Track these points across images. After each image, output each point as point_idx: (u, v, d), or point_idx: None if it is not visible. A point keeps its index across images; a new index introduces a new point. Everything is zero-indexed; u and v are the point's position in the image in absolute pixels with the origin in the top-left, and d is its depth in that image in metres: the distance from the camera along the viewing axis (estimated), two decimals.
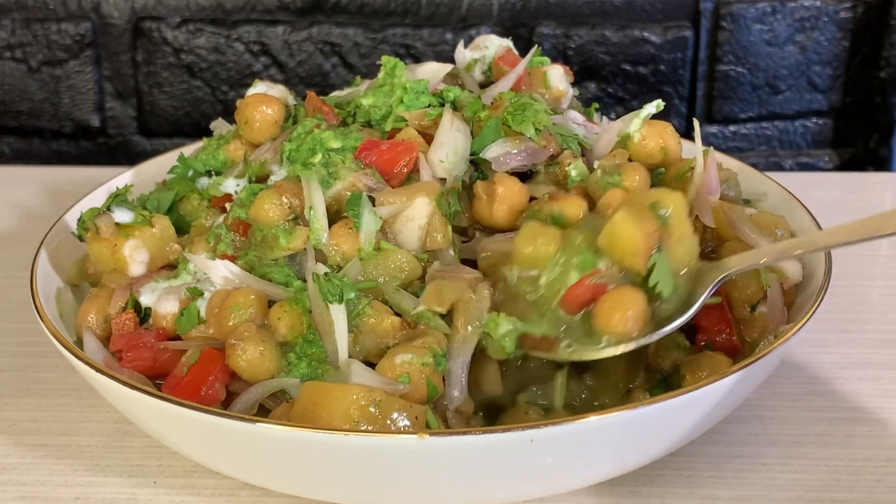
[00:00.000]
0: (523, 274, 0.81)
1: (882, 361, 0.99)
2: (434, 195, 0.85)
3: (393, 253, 0.83)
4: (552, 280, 0.80)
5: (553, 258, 0.80)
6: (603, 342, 0.77)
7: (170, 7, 1.56)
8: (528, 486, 0.76)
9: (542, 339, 0.79)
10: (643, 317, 0.76)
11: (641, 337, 0.76)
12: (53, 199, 1.36)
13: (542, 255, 0.80)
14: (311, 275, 0.79)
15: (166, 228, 0.91)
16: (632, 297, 0.76)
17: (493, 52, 1.04)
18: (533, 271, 0.81)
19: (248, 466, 0.77)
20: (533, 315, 0.80)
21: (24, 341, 1.04)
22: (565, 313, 0.79)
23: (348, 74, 1.57)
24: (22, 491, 0.84)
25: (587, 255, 0.79)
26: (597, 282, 0.77)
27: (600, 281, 0.77)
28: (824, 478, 0.84)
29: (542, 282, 0.80)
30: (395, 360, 0.76)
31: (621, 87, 1.58)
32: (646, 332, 0.77)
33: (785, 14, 1.55)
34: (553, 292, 0.79)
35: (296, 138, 0.90)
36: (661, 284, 0.77)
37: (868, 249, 1.22)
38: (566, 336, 0.78)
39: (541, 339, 0.79)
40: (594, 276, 0.78)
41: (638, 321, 0.76)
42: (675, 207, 0.79)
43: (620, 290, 0.77)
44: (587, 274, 0.78)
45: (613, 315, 0.76)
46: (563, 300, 0.78)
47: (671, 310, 0.78)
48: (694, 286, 0.79)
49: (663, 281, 0.77)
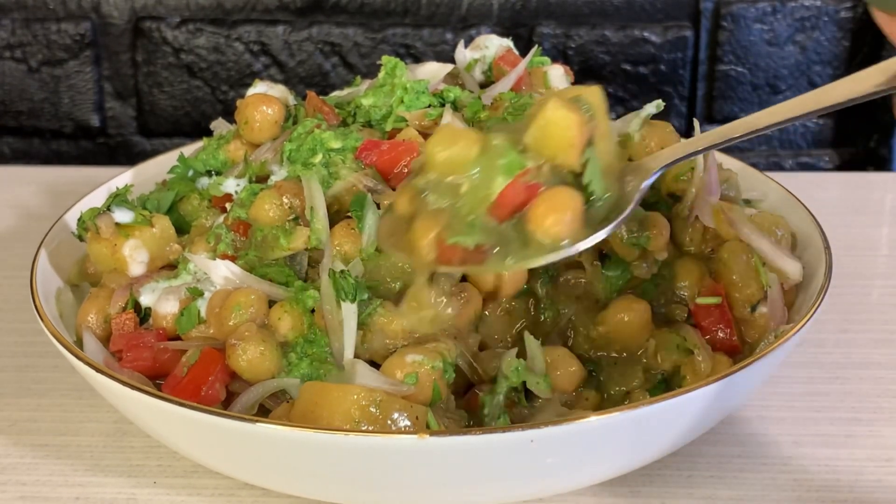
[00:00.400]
0: (440, 182, 0.75)
1: (882, 361, 0.99)
2: None
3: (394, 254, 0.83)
4: (475, 186, 0.73)
5: (474, 162, 0.73)
6: (539, 248, 0.71)
7: (170, 7, 1.56)
8: (528, 486, 0.76)
9: (475, 251, 0.72)
10: (580, 218, 0.72)
11: (579, 241, 0.72)
12: (53, 199, 1.36)
13: (462, 159, 0.74)
14: (328, 271, 0.79)
15: (166, 228, 0.91)
16: (568, 196, 0.71)
17: (493, 52, 1.04)
18: (451, 178, 0.74)
19: (248, 466, 0.77)
20: (460, 226, 0.73)
21: (24, 341, 1.04)
22: (494, 221, 0.72)
23: (348, 74, 1.57)
24: (22, 491, 0.84)
25: (513, 155, 0.73)
26: (530, 182, 0.71)
27: (533, 181, 0.71)
28: (824, 478, 0.84)
29: (465, 190, 0.73)
30: (405, 358, 0.76)
31: (621, 87, 1.58)
32: (582, 237, 0.72)
33: (785, 14, 1.55)
34: (477, 200, 0.73)
35: (296, 138, 0.90)
36: (595, 184, 0.72)
37: (868, 249, 1.22)
38: (499, 245, 0.72)
39: (474, 250, 0.72)
40: (526, 176, 0.71)
41: (575, 223, 0.71)
42: (597, 101, 0.74)
43: (555, 190, 0.72)
44: (518, 175, 0.72)
45: (548, 217, 0.71)
46: (493, 206, 0.72)
47: (603, 213, 0.73)
48: (623, 188, 0.74)
49: (596, 180, 0.72)
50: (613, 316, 0.84)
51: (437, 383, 0.76)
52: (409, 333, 0.79)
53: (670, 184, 0.90)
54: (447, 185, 0.74)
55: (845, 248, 1.15)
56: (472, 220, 0.72)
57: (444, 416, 0.76)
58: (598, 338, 0.85)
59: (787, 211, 0.96)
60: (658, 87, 1.58)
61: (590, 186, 0.73)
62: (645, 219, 0.85)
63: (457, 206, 0.73)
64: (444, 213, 0.73)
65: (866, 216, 1.33)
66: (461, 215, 0.73)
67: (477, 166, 0.73)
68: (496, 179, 0.72)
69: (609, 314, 0.85)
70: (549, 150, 0.72)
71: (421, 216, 0.75)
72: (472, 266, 0.73)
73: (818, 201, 1.05)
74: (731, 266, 0.85)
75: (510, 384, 0.79)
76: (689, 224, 0.88)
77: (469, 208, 0.73)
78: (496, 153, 0.73)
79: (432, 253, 0.74)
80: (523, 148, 0.73)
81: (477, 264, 0.72)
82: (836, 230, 0.96)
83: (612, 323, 0.84)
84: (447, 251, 0.73)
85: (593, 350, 0.85)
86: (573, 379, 0.82)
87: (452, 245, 0.73)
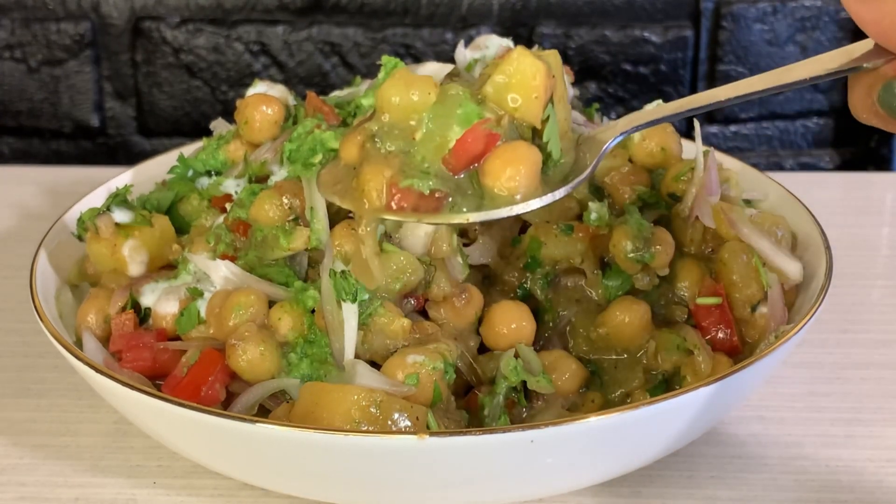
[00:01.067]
0: (393, 128, 0.73)
1: (882, 362, 0.99)
2: None
3: (395, 254, 0.82)
4: (430, 134, 0.71)
5: (430, 109, 0.71)
6: (494, 200, 0.70)
7: (169, 7, 1.56)
8: (528, 487, 0.76)
9: (430, 197, 0.70)
10: (537, 176, 0.70)
11: (535, 198, 0.71)
12: (53, 199, 1.36)
13: (418, 105, 0.72)
14: (328, 271, 0.79)
15: (166, 228, 0.91)
16: (527, 149, 0.70)
17: (493, 52, 1.04)
18: (404, 124, 0.72)
19: (248, 466, 0.77)
20: (413, 171, 0.71)
21: (24, 341, 1.04)
22: (448, 172, 0.71)
23: (348, 74, 1.57)
24: (21, 492, 0.84)
25: (471, 105, 0.71)
26: (490, 130, 0.69)
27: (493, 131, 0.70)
28: (825, 478, 0.84)
29: (419, 137, 0.71)
30: (406, 359, 0.76)
31: (622, 86, 1.58)
32: (538, 196, 0.71)
33: (785, 14, 1.54)
34: (432, 148, 0.71)
35: (296, 138, 0.90)
36: (552, 144, 0.71)
37: (868, 249, 1.22)
38: (454, 196, 0.70)
39: (428, 196, 0.70)
40: (486, 125, 0.70)
41: (533, 179, 0.70)
42: (557, 63, 0.73)
43: (514, 144, 0.70)
44: (478, 122, 0.70)
45: (506, 169, 0.69)
46: (449, 154, 0.70)
47: (559, 178, 0.72)
48: (580, 157, 0.73)
49: (554, 140, 0.71)
50: (613, 317, 0.84)
51: (438, 384, 0.76)
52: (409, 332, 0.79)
53: (670, 184, 0.90)
54: (400, 131, 0.72)
55: (845, 248, 1.14)
56: (426, 167, 0.70)
57: (444, 417, 0.76)
58: (598, 339, 0.85)
59: (787, 211, 0.96)
60: (658, 87, 1.58)
61: (548, 146, 0.71)
62: (651, 236, 0.84)
63: (410, 152, 0.71)
64: (397, 159, 0.71)
65: (867, 216, 1.33)
66: (415, 162, 0.71)
67: (432, 114, 0.71)
68: (453, 128, 0.70)
69: (609, 315, 0.85)
70: (512, 99, 0.70)
71: (371, 160, 0.72)
72: (424, 215, 0.71)
73: (818, 201, 1.05)
74: (731, 266, 0.85)
75: (509, 384, 0.79)
76: (689, 224, 0.88)
77: (423, 156, 0.71)
78: (454, 102, 0.71)
79: (382, 197, 0.72)
80: (482, 98, 0.71)
81: (431, 213, 0.70)
82: (837, 230, 0.96)
83: (612, 324, 0.84)
84: (399, 196, 0.70)
85: (593, 352, 0.85)
86: (574, 379, 0.82)
87: (406, 189, 0.70)
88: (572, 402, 0.82)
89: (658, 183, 0.91)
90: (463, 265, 0.84)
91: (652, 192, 0.90)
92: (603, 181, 0.91)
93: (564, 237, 0.86)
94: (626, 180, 0.90)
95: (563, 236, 0.86)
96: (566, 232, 0.86)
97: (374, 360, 0.79)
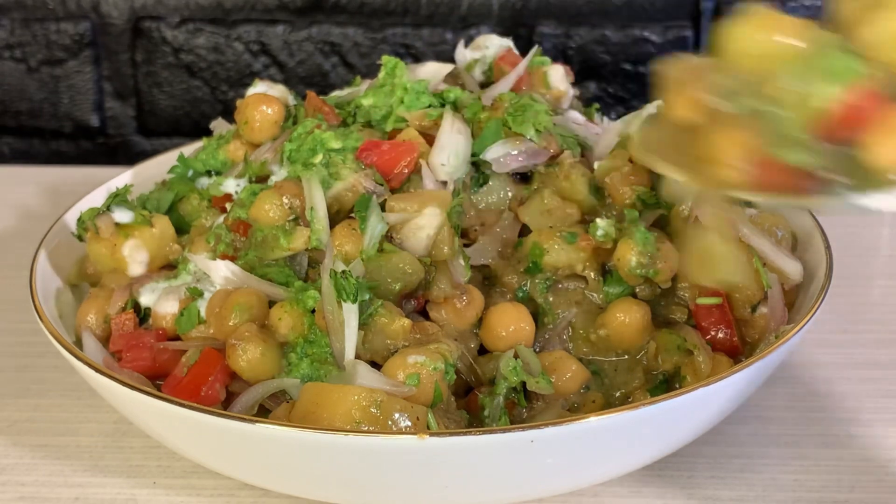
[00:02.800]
0: (749, 83, 0.58)
1: (883, 362, 0.99)
2: (445, 206, 0.84)
3: (396, 255, 0.82)
4: (793, 92, 0.56)
5: (794, 61, 0.56)
6: (880, 186, 0.54)
7: (169, 7, 1.56)
8: (528, 487, 0.76)
9: (802, 176, 0.55)
10: None
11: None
12: (53, 199, 1.36)
13: (783, 53, 0.57)
14: (328, 271, 0.79)
15: (166, 228, 0.91)
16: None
17: (493, 52, 1.04)
18: (756, 77, 0.58)
19: (248, 466, 0.77)
20: (779, 140, 0.56)
21: (24, 341, 1.04)
22: (820, 143, 0.56)
23: (348, 74, 1.57)
24: (21, 491, 0.84)
25: (848, 58, 0.56)
26: (878, 91, 0.54)
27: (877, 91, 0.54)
28: (825, 478, 0.84)
29: (782, 96, 0.57)
30: (406, 359, 0.76)
31: (622, 86, 1.58)
32: None
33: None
34: (799, 110, 0.56)
35: (296, 138, 0.90)
36: None
37: (868, 249, 1.22)
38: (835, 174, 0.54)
39: (801, 174, 0.55)
40: (871, 83, 0.54)
41: None
42: None
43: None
44: (862, 79, 0.55)
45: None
46: (819, 121, 0.55)
47: None
48: None
49: None
50: (613, 318, 0.84)
51: (439, 384, 0.76)
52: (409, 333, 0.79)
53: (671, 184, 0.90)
54: (753, 86, 0.58)
55: (845, 248, 1.14)
56: (795, 135, 0.56)
57: (444, 417, 0.76)
58: (598, 341, 0.85)
59: (787, 211, 0.96)
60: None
61: None
62: (656, 251, 0.84)
63: (771, 113, 0.57)
64: (758, 122, 0.57)
65: (867, 216, 1.33)
66: (779, 128, 0.56)
67: (800, 66, 0.57)
68: (826, 87, 0.56)
69: (609, 317, 0.85)
70: None
71: (724, 123, 0.58)
72: (794, 197, 0.57)
73: None
74: None
75: (509, 385, 0.79)
76: (688, 224, 0.88)
77: (788, 120, 0.56)
78: (824, 54, 0.57)
79: (743, 170, 0.57)
80: (858, 50, 0.57)
81: (802, 195, 0.56)
82: (837, 230, 0.96)
83: (613, 325, 0.84)
84: (765, 170, 0.56)
85: (594, 353, 0.85)
86: (575, 380, 0.82)
87: (771, 162, 0.56)
88: (573, 402, 0.82)
89: (658, 183, 0.91)
90: (465, 267, 0.84)
91: (652, 193, 0.90)
92: (603, 181, 0.91)
93: (567, 245, 0.86)
94: (626, 180, 0.90)
95: (566, 244, 0.86)
96: (569, 240, 0.86)
97: (374, 361, 0.79)
